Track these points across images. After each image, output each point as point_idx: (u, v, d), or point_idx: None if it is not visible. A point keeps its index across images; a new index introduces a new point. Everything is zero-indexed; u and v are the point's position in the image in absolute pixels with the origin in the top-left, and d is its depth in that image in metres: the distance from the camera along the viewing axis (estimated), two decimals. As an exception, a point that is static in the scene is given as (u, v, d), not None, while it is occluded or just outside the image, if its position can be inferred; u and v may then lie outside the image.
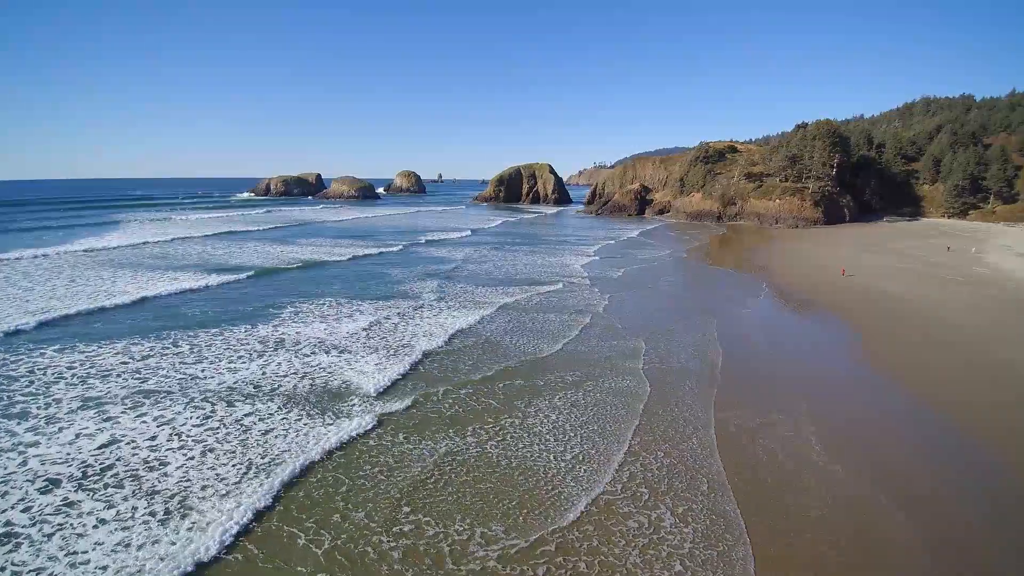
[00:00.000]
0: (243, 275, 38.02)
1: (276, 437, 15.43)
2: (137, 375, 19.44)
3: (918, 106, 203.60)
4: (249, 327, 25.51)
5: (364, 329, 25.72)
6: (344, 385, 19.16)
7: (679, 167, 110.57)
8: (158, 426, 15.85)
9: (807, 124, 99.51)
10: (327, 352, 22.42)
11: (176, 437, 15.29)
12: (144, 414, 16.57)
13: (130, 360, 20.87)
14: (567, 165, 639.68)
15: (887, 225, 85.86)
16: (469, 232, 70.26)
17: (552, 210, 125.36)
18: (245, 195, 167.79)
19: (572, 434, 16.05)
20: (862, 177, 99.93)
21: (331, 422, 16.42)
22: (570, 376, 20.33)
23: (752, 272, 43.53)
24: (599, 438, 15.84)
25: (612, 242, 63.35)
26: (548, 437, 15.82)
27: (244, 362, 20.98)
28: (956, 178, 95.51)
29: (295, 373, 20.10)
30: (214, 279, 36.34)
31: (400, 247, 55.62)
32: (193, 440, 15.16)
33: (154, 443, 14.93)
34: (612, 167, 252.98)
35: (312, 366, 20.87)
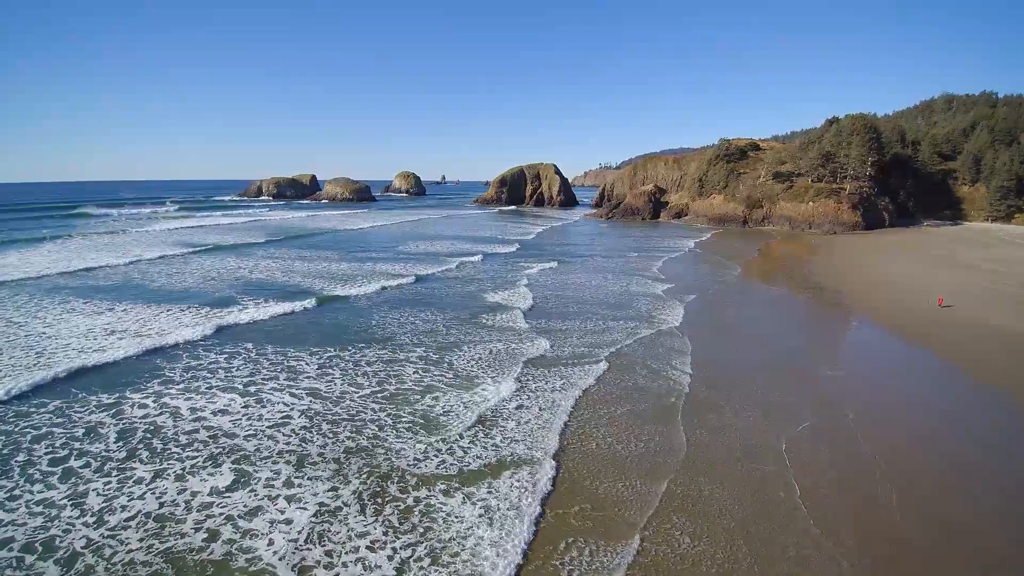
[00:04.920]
0: (200, 328, 24.87)
1: None
2: None
3: (939, 103, 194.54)
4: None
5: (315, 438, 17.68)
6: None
7: (695, 167, 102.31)
8: None
9: (839, 118, 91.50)
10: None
11: None
12: None
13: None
14: (571, 166, 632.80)
15: (933, 231, 77.66)
16: (518, 246, 60.57)
17: (561, 213, 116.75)
18: (261, 204, 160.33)
19: None
20: (896, 177, 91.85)
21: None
22: None
23: (829, 298, 35.48)
24: None
25: (673, 255, 54.91)
26: None
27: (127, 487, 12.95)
28: (1000, 179, 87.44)
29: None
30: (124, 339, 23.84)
31: (454, 265, 46.04)
32: None
33: None
34: (618, 167, 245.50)
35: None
